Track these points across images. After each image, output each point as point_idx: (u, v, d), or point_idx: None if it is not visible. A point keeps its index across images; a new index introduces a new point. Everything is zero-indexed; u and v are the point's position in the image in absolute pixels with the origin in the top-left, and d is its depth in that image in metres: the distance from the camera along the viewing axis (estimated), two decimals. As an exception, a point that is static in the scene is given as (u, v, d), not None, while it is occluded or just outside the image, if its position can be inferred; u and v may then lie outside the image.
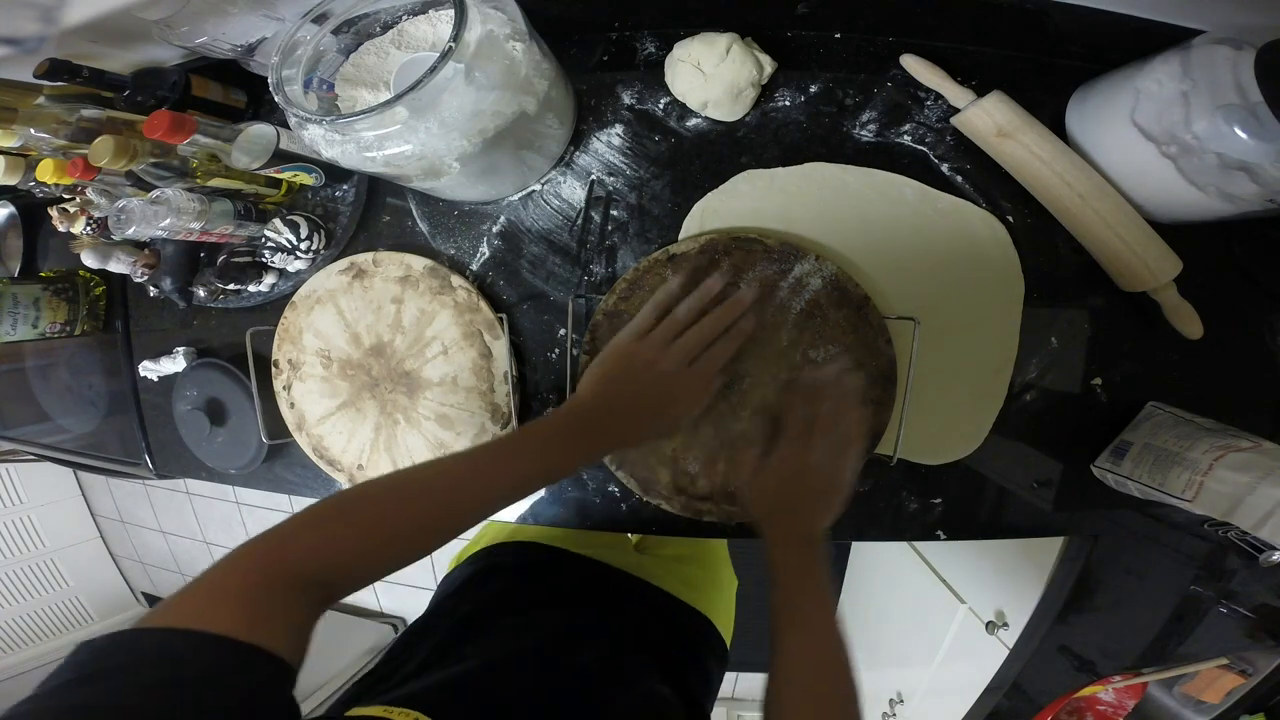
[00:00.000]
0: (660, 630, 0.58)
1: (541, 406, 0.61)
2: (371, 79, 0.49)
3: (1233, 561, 0.58)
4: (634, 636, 0.54)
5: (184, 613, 0.29)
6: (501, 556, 0.65)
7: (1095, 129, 0.49)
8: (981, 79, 0.52)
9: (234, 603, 0.30)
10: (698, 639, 0.63)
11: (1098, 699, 0.71)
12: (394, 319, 0.61)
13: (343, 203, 0.64)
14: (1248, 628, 0.60)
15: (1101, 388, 0.54)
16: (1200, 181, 0.44)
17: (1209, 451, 0.45)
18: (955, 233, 0.53)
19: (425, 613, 0.57)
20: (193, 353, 0.73)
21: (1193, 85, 0.42)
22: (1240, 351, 0.54)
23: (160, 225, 0.56)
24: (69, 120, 0.58)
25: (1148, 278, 0.49)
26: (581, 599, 0.59)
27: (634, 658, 0.50)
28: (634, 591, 0.63)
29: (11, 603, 2.10)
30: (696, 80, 0.52)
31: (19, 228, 0.83)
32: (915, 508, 0.56)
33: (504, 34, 0.41)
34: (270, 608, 0.31)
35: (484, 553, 0.67)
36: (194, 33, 0.54)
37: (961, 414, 0.55)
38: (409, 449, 0.63)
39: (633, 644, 0.53)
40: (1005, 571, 0.87)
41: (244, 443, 0.70)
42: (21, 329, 0.75)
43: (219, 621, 0.28)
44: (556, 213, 0.59)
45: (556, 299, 0.60)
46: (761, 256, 0.52)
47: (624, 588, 0.63)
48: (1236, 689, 0.63)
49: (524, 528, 0.68)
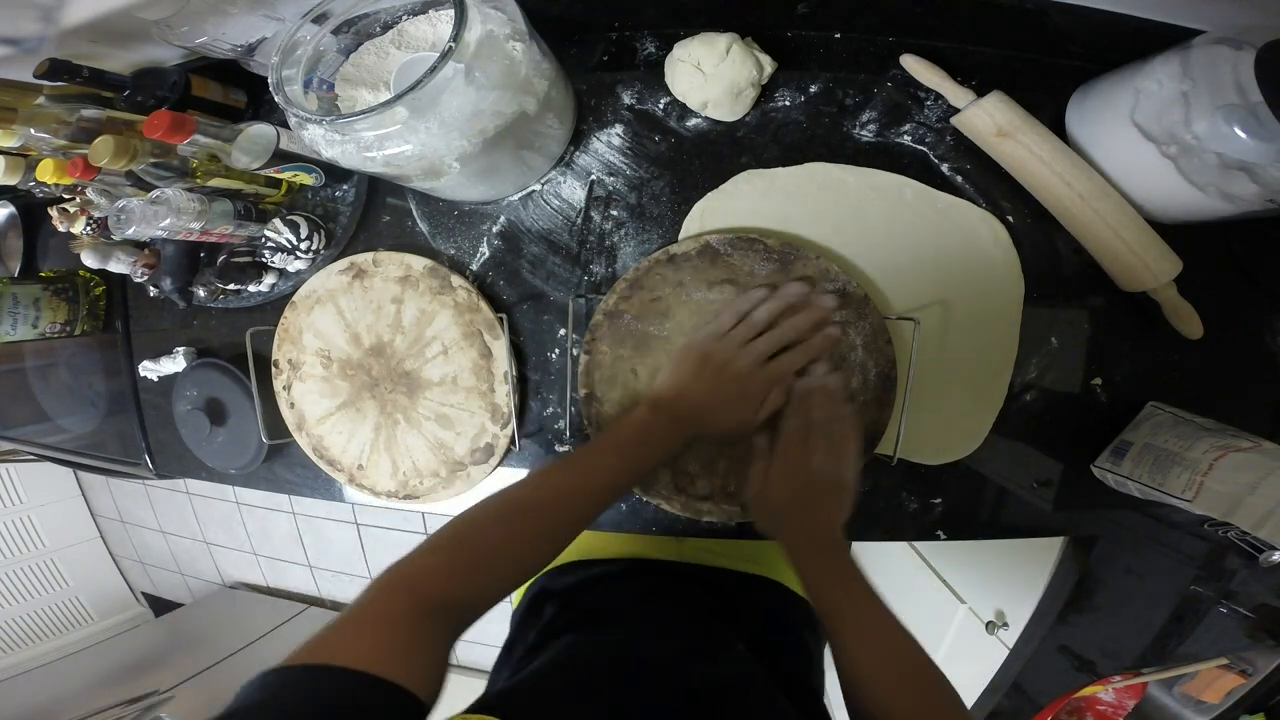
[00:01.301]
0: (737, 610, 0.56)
1: (541, 407, 0.61)
2: (371, 79, 0.49)
3: (1233, 561, 0.58)
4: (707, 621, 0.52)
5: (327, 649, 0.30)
6: (546, 582, 0.62)
7: (1095, 129, 0.49)
8: (981, 79, 0.52)
9: (371, 637, 0.32)
10: (779, 607, 0.60)
11: (1098, 699, 0.71)
12: (394, 319, 0.61)
13: (343, 203, 0.64)
14: (1248, 628, 0.60)
15: (1101, 388, 0.54)
16: (1200, 181, 0.44)
17: (1209, 451, 0.45)
18: (955, 233, 0.53)
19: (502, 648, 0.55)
20: (193, 353, 0.73)
21: (1193, 85, 0.42)
22: (1240, 351, 0.54)
23: (160, 225, 0.56)
24: (69, 120, 0.58)
25: (1148, 278, 0.49)
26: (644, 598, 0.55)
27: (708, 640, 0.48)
28: (696, 578, 0.60)
29: (11, 603, 2.10)
30: (696, 80, 0.52)
31: (19, 228, 0.83)
32: (915, 508, 0.56)
33: (504, 34, 0.41)
34: (406, 641, 0.32)
35: (533, 583, 0.63)
36: (194, 33, 0.54)
37: (961, 414, 0.55)
38: (409, 449, 0.63)
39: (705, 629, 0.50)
40: (1005, 571, 0.87)
41: (244, 443, 0.70)
42: (21, 329, 0.75)
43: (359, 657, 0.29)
44: (556, 213, 0.59)
45: (556, 299, 0.60)
46: (761, 256, 0.52)
47: (686, 577, 0.60)
48: (1236, 689, 0.63)
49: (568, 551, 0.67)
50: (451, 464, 0.62)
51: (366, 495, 0.65)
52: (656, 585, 0.58)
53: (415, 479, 0.63)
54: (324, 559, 2.06)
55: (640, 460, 0.45)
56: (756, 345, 0.48)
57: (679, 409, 0.47)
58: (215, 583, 2.27)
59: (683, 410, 0.47)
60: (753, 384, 0.47)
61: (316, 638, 0.31)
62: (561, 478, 0.43)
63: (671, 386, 0.48)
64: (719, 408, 0.47)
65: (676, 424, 0.47)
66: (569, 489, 0.43)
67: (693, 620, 0.51)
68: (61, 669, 1.77)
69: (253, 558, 2.17)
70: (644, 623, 0.49)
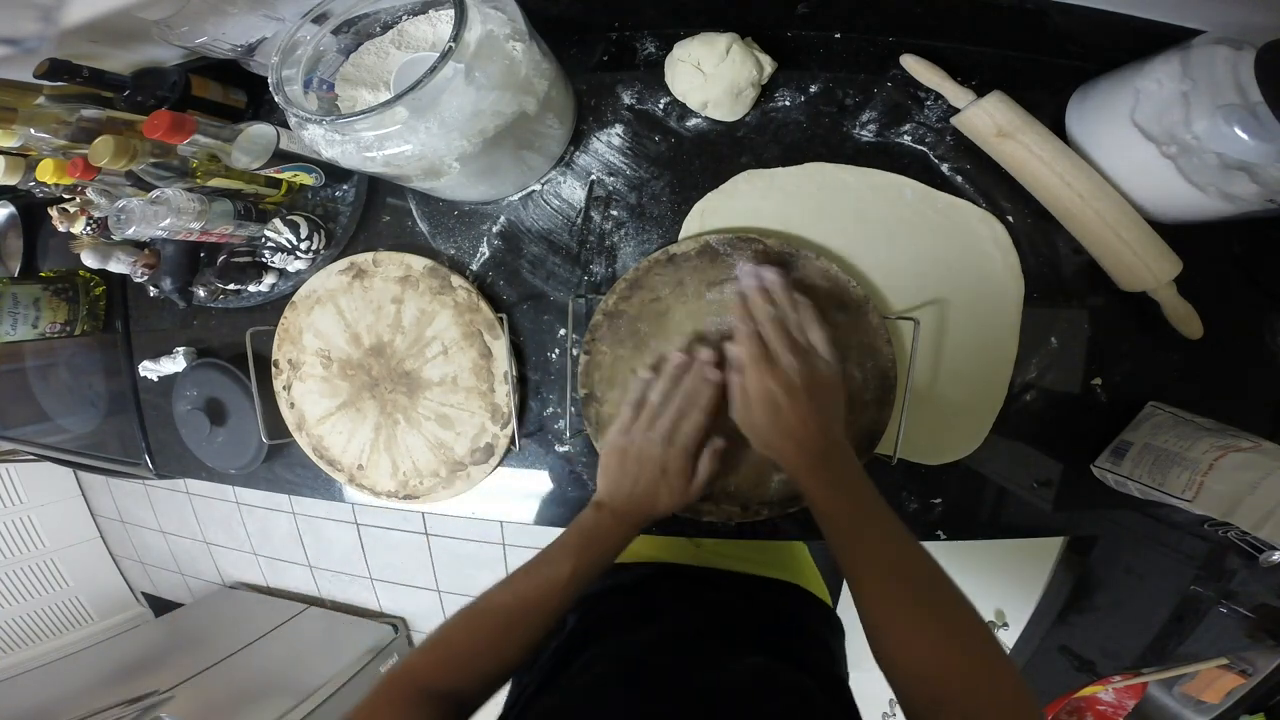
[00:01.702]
0: (753, 612, 0.56)
1: (541, 407, 0.61)
2: (371, 79, 0.49)
3: (1233, 561, 0.58)
4: (724, 623, 0.53)
5: None
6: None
7: (1095, 129, 0.49)
8: (981, 79, 0.52)
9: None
10: (796, 610, 0.61)
11: (1098, 699, 0.71)
12: (394, 319, 0.61)
13: (343, 203, 0.64)
14: (1248, 628, 0.60)
15: (1101, 388, 0.54)
16: (1200, 181, 0.44)
17: (1209, 451, 0.45)
18: (955, 233, 0.53)
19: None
20: (193, 353, 0.73)
21: (1193, 85, 0.42)
22: (1240, 351, 0.54)
23: (160, 225, 0.56)
24: (69, 120, 0.58)
25: (1148, 278, 0.49)
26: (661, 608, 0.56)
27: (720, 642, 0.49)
28: (712, 582, 0.61)
29: (11, 603, 2.10)
30: (696, 80, 0.52)
31: (19, 228, 0.83)
32: (915, 508, 0.56)
33: (504, 34, 0.41)
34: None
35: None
36: (194, 33, 0.54)
37: (961, 414, 0.55)
38: (409, 449, 0.63)
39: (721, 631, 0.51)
40: (1005, 571, 0.87)
41: (244, 443, 0.70)
42: (21, 329, 0.75)
43: None
44: (556, 213, 0.59)
45: (556, 299, 0.60)
46: (761, 257, 0.52)
47: (699, 580, 0.61)
48: (1236, 689, 0.63)
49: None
50: (451, 464, 0.62)
51: (366, 495, 0.65)
52: (674, 591, 0.59)
53: (415, 479, 0.63)
54: (324, 559, 2.06)
55: (596, 559, 0.48)
56: (659, 426, 0.50)
57: (617, 507, 0.50)
58: (215, 583, 2.27)
59: (620, 507, 0.50)
60: (669, 461, 0.49)
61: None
62: (528, 583, 0.46)
63: (604, 489, 0.51)
64: (650, 493, 0.50)
65: (619, 521, 0.49)
66: (535, 595, 0.46)
67: (710, 624, 0.52)
68: (61, 669, 1.77)
69: (253, 558, 2.17)
70: (662, 633, 0.50)
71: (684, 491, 0.50)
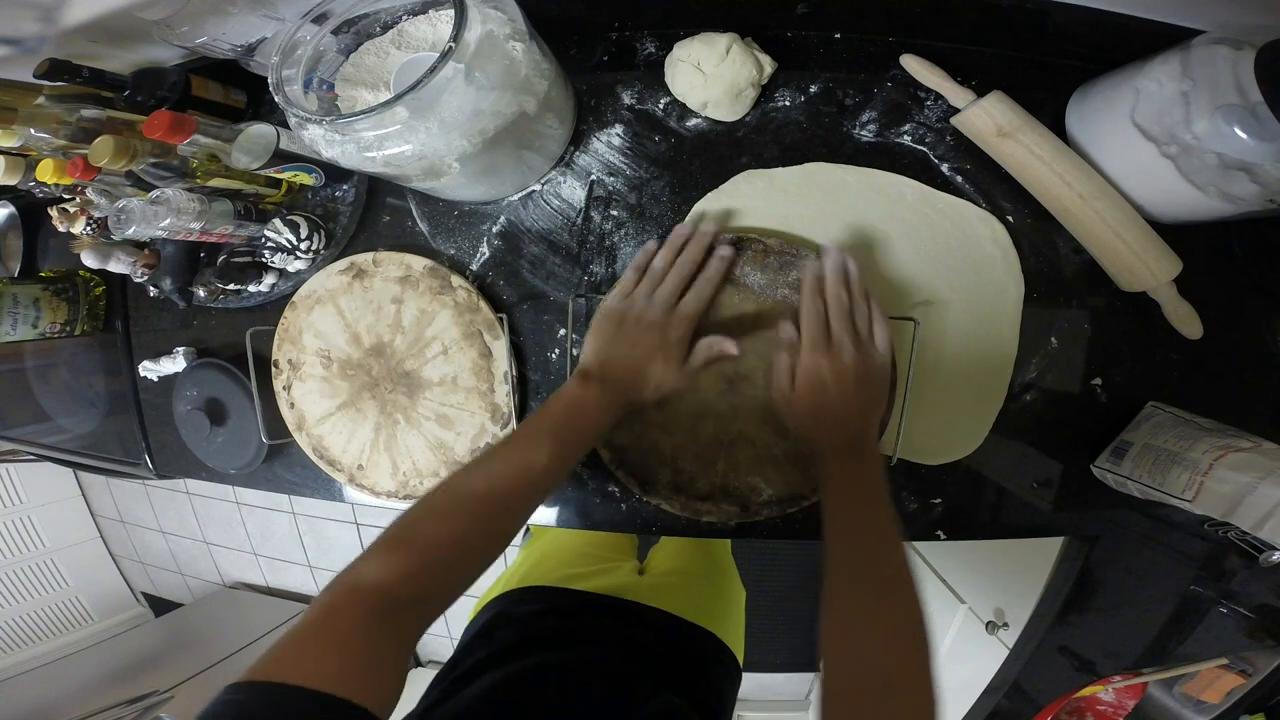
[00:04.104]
0: (665, 652, 0.57)
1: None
2: (371, 79, 0.49)
3: (1233, 561, 0.58)
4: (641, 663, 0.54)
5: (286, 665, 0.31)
6: (507, 605, 0.64)
7: (1095, 129, 0.49)
8: (981, 79, 0.52)
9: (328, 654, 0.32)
10: (704, 656, 0.62)
11: (1098, 699, 0.71)
12: (394, 319, 0.61)
13: (343, 203, 0.64)
14: (1248, 628, 0.60)
15: (1101, 388, 0.54)
16: (1200, 181, 0.44)
17: (1209, 451, 0.45)
18: (955, 233, 0.53)
19: (447, 661, 0.56)
20: (193, 353, 0.73)
21: (1193, 85, 0.42)
22: (1240, 351, 0.54)
23: (160, 225, 0.56)
24: (69, 120, 0.58)
25: (1148, 278, 0.49)
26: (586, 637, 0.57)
27: (643, 681, 0.50)
28: (637, 618, 0.62)
29: (11, 603, 2.10)
30: (696, 80, 0.52)
31: (19, 228, 0.83)
32: (915, 508, 0.56)
33: (504, 34, 0.41)
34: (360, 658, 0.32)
35: (494, 602, 0.66)
36: (194, 33, 0.54)
37: (961, 414, 0.55)
38: (409, 449, 0.63)
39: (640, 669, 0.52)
40: (1005, 571, 0.87)
41: (244, 443, 0.69)
42: (21, 329, 0.75)
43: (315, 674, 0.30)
44: (556, 213, 0.59)
45: (556, 299, 0.60)
46: (761, 256, 0.52)
47: (630, 616, 0.62)
48: (1236, 689, 0.63)
49: (531, 572, 0.68)
50: (451, 464, 0.62)
51: (366, 495, 0.65)
52: (607, 624, 0.60)
53: (415, 479, 0.63)
54: (324, 559, 2.06)
55: (577, 437, 0.44)
56: (662, 289, 0.49)
57: (606, 374, 0.46)
58: (215, 583, 2.27)
59: (610, 374, 0.46)
60: (670, 328, 0.47)
61: (277, 648, 0.31)
62: (502, 466, 0.42)
63: (594, 354, 0.48)
64: (644, 362, 0.47)
65: (607, 391, 0.46)
66: (511, 478, 0.41)
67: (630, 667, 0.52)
68: (61, 669, 1.76)
69: (253, 558, 2.17)
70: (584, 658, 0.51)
71: (678, 368, 0.48)
